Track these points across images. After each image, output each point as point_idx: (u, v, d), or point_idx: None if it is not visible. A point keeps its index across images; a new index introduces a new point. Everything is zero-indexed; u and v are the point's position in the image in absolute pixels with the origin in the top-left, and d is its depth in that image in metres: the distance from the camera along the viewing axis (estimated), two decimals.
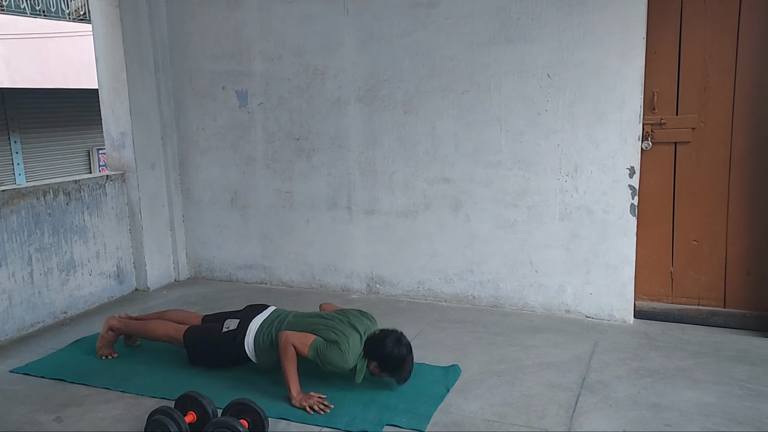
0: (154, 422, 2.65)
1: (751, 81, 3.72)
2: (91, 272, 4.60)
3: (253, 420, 2.69)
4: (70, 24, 11.56)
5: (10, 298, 4.00)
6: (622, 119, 3.83)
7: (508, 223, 4.21)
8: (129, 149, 4.81)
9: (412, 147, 4.39)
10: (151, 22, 4.91)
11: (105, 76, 4.78)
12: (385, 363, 3.05)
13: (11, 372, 3.48)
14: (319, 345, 3.05)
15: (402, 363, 3.05)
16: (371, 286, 4.70)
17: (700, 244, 3.95)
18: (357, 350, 3.08)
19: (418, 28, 4.24)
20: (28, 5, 11.17)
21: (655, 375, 3.24)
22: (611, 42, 3.79)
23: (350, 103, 4.53)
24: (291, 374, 3.02)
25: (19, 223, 4.07)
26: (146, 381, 3.31)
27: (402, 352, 3.05)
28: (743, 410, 2.87)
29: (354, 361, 3.07)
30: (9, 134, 11.44)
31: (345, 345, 3.03)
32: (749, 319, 3.87)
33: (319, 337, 3.08)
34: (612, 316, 4.03)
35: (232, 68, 4.85)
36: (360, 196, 4.61)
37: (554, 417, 2.86)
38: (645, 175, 3.97)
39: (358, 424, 2.82)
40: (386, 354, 3.04)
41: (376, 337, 3.12)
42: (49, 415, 3.00)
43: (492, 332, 3.88)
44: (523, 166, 4.11)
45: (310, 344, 3.05)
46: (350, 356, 3.04)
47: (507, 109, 4.10)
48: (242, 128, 4.91)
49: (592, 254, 4.03)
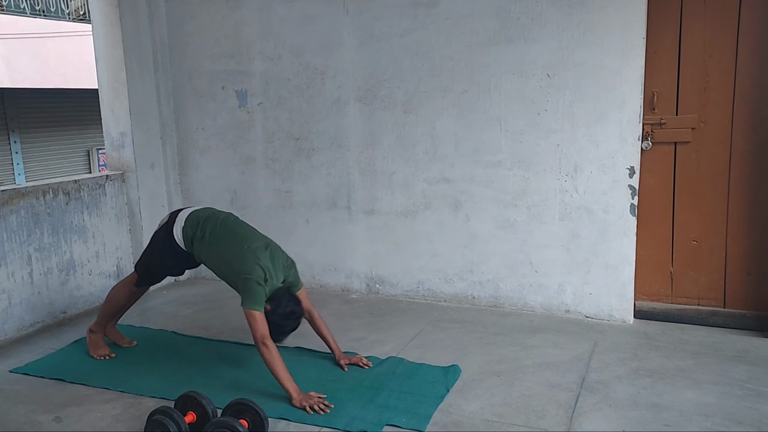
0: (154, 422, 2.65)
1: (751, 81, 3.72)
2: (91, 272, 4.60)
3: (253, 420, 2.69)
4: (69, 24, 11.56)
5: (9, 298, 4.00)
6: (622, 119, 3.83)
7: (507, 223, 4.21)
8: (128, 149, 4.81)
9: (412, 147, 4.39)
10: (151, 22, 4.91)
11: (105, 76, 4.78)
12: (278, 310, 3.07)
13: (11, 372, 3.48)
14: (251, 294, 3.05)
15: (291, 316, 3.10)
16: (371, 285, 4.70)
17: (700, 244, 3.95)
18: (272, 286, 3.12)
19: (418, 28, 4.24)
20: (27, 5, 11.17)
21: (655, 375, 3.24)
22: (611, 42, 3.79)
23: (350, 103, 4.53)
24: (282, 375, 2.99)
25: (19, 223, 4.07)
26: (146, 381, 3.31)
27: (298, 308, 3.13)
28: (743, 410, 2.87)
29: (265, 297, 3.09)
30: (9, 134, 11.44)
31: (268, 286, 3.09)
32: (749, 319, 3.87)
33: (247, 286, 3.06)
34: (612, 316, 4.03)
35: (232, 68, 4.85)
36: (360, 196, 4.61)
37: (554, 417, 2.86)
38: (645, 175, 3.97)
39: (358, 424, 2.82)
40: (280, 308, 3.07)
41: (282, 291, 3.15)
42: (48, 415, 3.00)
43: (492, 332, 3.88)
44: (523, 166, 4.11)
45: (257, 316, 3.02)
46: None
47: (507, 109, 4.10)
48: (242, 128, 4.91)
49: (591, 254, 4.03)
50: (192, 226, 3.37)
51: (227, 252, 3.24)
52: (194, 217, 3.41)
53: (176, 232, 3.39)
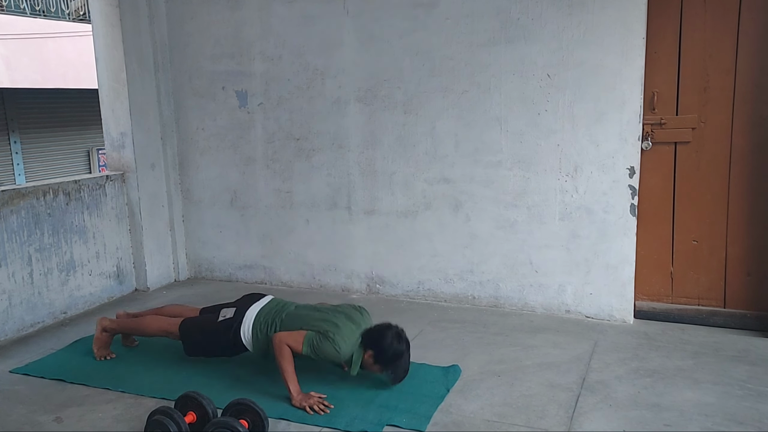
0: (154, 422, 2.65)
1: (751, 81, 3.72)
2: (91, 272, 4.60)
3: (253, 420, 2.69)
4: (70, 24, 11.56)
5: (9, 299, 4.00)
6: (622, 119, 3.83)
7: (508, 223, 4.21)
8: (129, 149, 4.81)
9: (412, 147, 4.39)
10: (151, 22, 4.91)
11: (105, 76, 4.78)
12: (382, 355, 3.03)
13: (11, 372, 3.48)
14: (313, 338, 3.04)
15: (399, 357, 3.04)
16: (371, 286, 4.70)
17: (700, 244, 3.95)
18: (351, 340, 3.06)
19: (418, 29, 4.24)
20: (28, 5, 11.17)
21: (655, 375, 3.24)
22: (611, 42, 3.79)
23: (350, 103, 4.53)
24: (289, 375, 3.01)
25: (19, 224, 4.07)
26: (146, 381, 3.31)
27: (401, 346, 3.05)
28: (743, 410, 2.87)
29: (349, 351, 3.06)
30: (9, 134, 11.44)
31: (338, 335, 3.03)
32: (749, 319, 3.87)
33: (311, 331, 3.06)
34: (612, 316, 4.03)
35: (232, 68, 4.85)
36: (360, 196, 4.61)
37: (554, 417, 2.86)
38: (645, 175, 3.97)
39: (358, 424, 2.82)
40: (385, 345, 3.02)
41: (377, 328, 3.11)
42: (49, 415, 3.00)
43: (492, 332, 3.88)
44: (523, 166, 4.11)
45: (303, 340, 3.04)
46: (344, 346, 3.03)
47: (507, 109, 4.10)
48: (242, 128, 4.91)
49: (592, 254, 4.03)
50: (261, 327, 3.24)
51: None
52: (263, 317, 3.27)
53: (244, 335, 3.25)
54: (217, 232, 5.14)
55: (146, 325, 3.54)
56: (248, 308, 3.31)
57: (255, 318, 3.26)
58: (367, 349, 3.07)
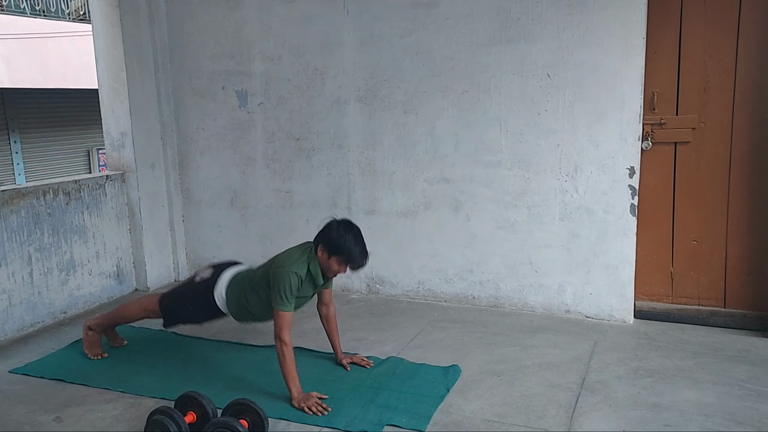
0: (154, 422, 2.65)
1: (751, 81, 3.72)
2: (91, 272, 4.60)
3: (253, 420, 2.69)
4: (70, 24, 11.57)
5: (9, 298, 4.00)
6: (622, 119, 3.83)
7: (508, 223, 4.21)
8: (129, 149, 4.82)
9: (412, 147, 4.39)
10: (151, 22, 4.91)
11: (105, 76, 4.79)
12: (332, 242, 3.03)
13: (11, 372, 3.48)
14: (279, 294, 3.00)
15: (349, 238, 3.03)
16: (371, 286, 4.70)
17: (700, 244, 3.95)
18: (300, 260, 3.08)
19: (418, 28, 4.24)
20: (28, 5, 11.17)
21: (655, 375, 3.24)
22: (611, 42, 3.79)
23: (350, 103, 4.53)
24: (290, 374, 3.00)
25: (19, 223, 4.07)
26: (146, 381, 3.31)
27: (349, 228, 3.06)
28: (743, 410, 2.87)
29: (304, 266, 3.07)
30: (9, 134, 11.45)
31: (286, 263, 3.05)
32: (749, 319, 3.87)
33: (275, 295, 3.02)
34: (612, 316, 4.03)
35: (232, 68, 4.85)
36: (360, 196, 4.61)
37: (554, 417, 2.86)
38: (645, 175, 3.97)
39: (358, 424, 2.82)
40: (331, 233, 3.04)
41: (321, 229, 3.13)
42: (48, 415, 3.00)
43: (492, 332, 3.88)
44: (523, 166, 4.11)
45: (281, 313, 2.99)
46: (296, 265, 3.04)
47: (507, 109, 4.10)
48: (242, 128, 4.91)
49: (592, 254, 4.03)
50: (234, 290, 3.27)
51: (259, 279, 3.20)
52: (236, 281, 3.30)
53: (218, 296, 3.29)
54: (217, 232, 5.14)
55: (126, 310, 3.59)
56: (225, 269, 3.36)
57: (231, 278, 3.30)
58: (317, 250, 3.08)
